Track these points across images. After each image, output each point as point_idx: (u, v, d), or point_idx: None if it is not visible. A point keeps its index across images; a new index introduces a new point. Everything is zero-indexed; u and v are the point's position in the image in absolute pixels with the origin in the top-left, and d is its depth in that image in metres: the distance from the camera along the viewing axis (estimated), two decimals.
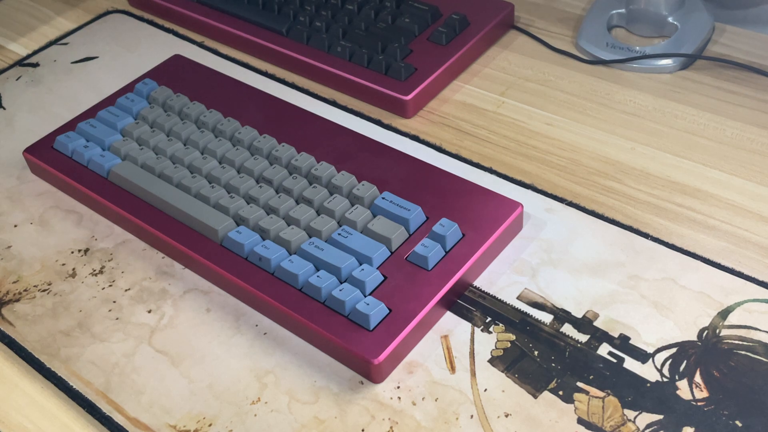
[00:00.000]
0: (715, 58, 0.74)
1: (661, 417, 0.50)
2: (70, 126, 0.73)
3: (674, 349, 0.53)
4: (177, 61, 0.80)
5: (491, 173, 0.67)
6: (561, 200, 0.64)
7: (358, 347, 0.53)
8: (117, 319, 0.60)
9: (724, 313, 0.55)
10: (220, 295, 0.61)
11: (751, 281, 0.57)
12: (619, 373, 0.53)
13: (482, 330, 0.56)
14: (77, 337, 0.59)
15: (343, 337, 0.54)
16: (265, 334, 0.58)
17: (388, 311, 0.55)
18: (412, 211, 0.60)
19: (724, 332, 0.54)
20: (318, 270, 0.58)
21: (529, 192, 0.65)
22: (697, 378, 0.52)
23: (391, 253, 0.59)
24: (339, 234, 0.59)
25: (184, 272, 0.63)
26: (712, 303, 0.56)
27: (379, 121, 0.73)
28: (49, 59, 0.85)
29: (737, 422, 0.49)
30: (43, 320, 0.61)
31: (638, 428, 0.50)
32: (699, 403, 0.50)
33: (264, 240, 0.60)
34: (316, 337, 0.56)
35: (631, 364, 0.53)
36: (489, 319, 0.57)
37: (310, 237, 0.60)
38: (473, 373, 0.54)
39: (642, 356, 0.53)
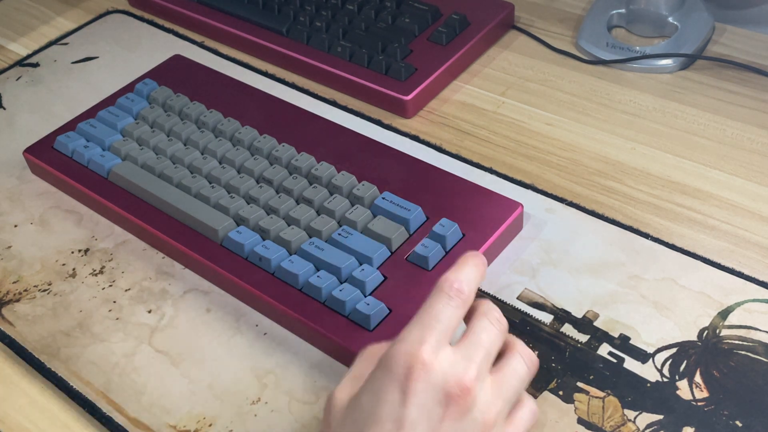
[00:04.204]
0: (715, 58, 0.74)
1: (661, 417, 0.50)
2: (70, 126, 0.73)
3: (674, 349, 0.53)
4: (177, 61, 0.80)
5: (491, 173, 0.67)
6: (561, 200, 0.64)
7: (358, 347, 0.53)
8: (117, 319, 0.60)
9: (724, 313, 0.55)
10: (220, 295, 0.61)
11: (751, 281, 0.57)
12: (619, 373, 0.53)
13: None
14: (77, 337, 0.59)
15: (344, 337, 0.54)
16: (265, 334, 0.58)
17: (388, 311, 0.55)
18: (412, 211, 0.60)
19: (724, 332, 0.54)
20: (318, 270, 0.58)
21: (529, 192, 0.65)
22: (697, 378, 0.52)
23: (391, 253, 0.59)
24: (339, 234, 0.59)
25: (184, 272, 0.63)
26: (712, 303, 0.56)
27: (379, 121, 0.73)
28: (49, 59, 0.85)
29: (737, 422, 0.49)
30: (43, 320, 0.61)
31: (638, 428, 0.50)
32: (699, 403, 0.50)
33: (264, 240, 0.60)
34: (316, 337, 0.56)
35: (631, 364, 0.53)
36: None
37: (310, 237, 0.60)
38: None
39: (642, 356, 0.53)
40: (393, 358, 0.42)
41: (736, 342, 0.53)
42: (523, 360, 0.45)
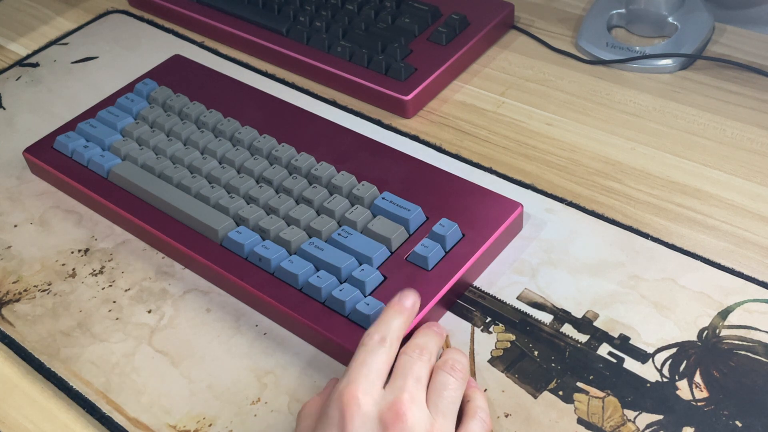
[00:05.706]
0: (715, 58, 0.74)
1: (661, 417, 0.50)
2: (70, 126, 0.73)
3: (674, 349, 0.53)
4: (177, 61, 0.80)
5: (491, 173, 0.67)
6: (561, 200, 0.64)
7: None
8: (117, 319, 0.60)
9: (724, 313, 0.55)
10: (220, 295, 0.61)
11: (751, 281, 0.57)
12: (619, 373, 0.53)
13: (482, 330, 0.56)
14: (77, 337, 0.59)
15: (344, 337, 0.54)
16: (265, 334, 0.58)
17: None
18: (412, 211, 0.60)
19: (724, 332, 0.54)
20: (318, 270, 0.58)
21: (529, 192, 0.65)
22: (697, 378, 0.52)
23: (391, 253, 0.59)
24: (339, 234, 0.59)
25: (184, 272, 0.63)
26: (712, 303, 0.56)
27: (379, 121, 0.73)
28: (49, 59, 0.85)
29: (737, 422, 0.49)
30: (43, 320, 0.61)
31: (638, 428, 0.50)
32: (699, 403, 0.50)
33: (264, 240, 0.60)
34: (316, 337, 0.56)
35: (631, 364, 0.53)
36: (489, 319, 0.57)
37: (310, 237, 0.60)
38: (473, 374, 0.54)
39: (642, 356, 0.53)
40: (329, 407, 0.46)
41: (736, 342, 0.53)
42: (447, 373, 0.49)
